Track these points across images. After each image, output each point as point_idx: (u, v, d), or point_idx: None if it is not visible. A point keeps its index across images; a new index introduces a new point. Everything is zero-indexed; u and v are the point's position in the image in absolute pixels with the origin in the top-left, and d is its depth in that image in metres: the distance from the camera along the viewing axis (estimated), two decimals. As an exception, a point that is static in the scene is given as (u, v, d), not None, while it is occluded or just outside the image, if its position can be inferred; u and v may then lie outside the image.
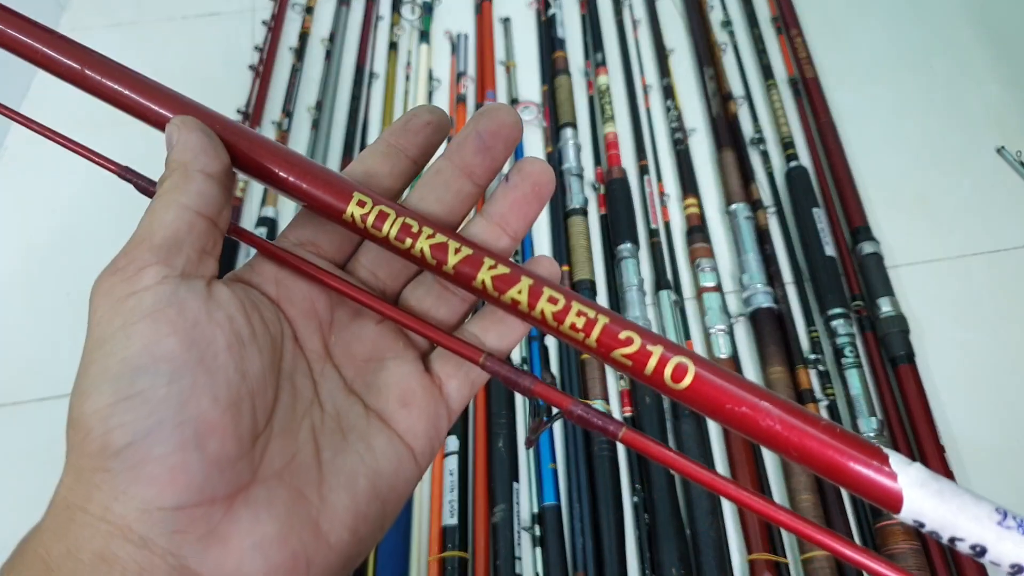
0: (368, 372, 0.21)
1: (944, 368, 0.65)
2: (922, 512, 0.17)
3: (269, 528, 0.17)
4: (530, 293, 0.19)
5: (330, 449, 0.19)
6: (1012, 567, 0.16)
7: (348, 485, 0.19)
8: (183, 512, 0.16)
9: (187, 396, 0.17)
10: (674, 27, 0.93)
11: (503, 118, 0.21)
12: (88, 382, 0.17)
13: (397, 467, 0.20)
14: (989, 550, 0.16)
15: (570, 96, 0.85)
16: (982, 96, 0.84)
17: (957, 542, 0.16)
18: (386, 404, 0.21)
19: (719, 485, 0.18)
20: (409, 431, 0.21)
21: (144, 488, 0.16)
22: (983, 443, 0.61)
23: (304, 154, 0.84)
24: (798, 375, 0.63)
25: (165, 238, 0.18)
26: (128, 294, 0.17)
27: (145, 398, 0.16)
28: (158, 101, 0.21)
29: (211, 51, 0.96)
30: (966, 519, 0.16)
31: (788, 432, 0.17)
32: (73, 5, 1.01)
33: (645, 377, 0.19)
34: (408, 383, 0.21)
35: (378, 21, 0.96)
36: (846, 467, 0.17)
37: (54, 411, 0.68)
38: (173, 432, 0.16)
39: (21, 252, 0.79)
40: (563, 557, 0.55)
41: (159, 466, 0.16)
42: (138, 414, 0.16)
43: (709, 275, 0.69)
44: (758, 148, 0.80)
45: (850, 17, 0.93)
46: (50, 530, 0.17)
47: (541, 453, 0.60)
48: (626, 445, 0.18)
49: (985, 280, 0.70)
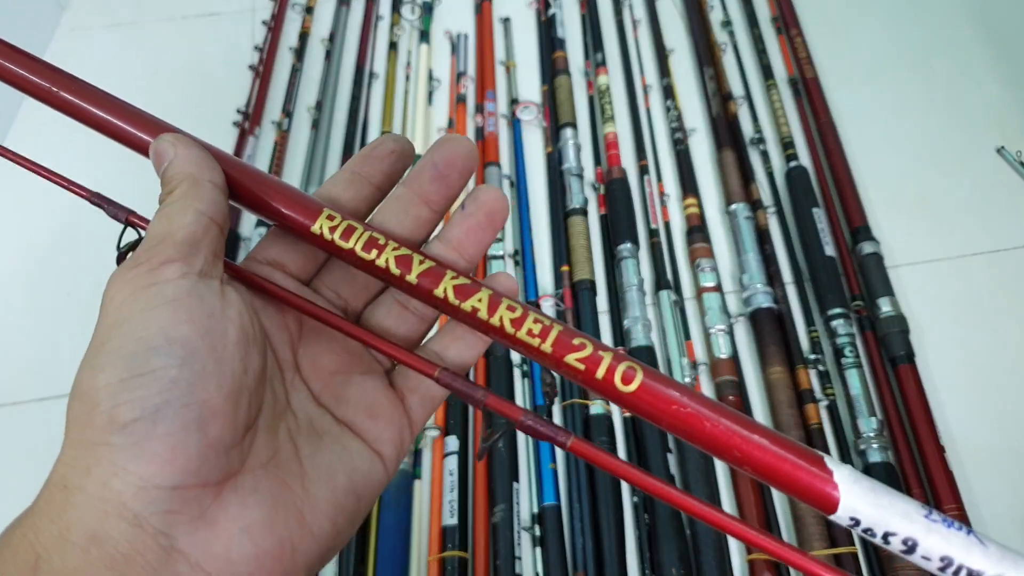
0: (335, 385, 0.22)
1: (944, 368, 0.65)
2: (857, 510, 0.17)
3: (256, 514, 0.18)
4: (489, 302, 0.20)
5: (308, 447, 0.20)
6: (942, 560, 0.17)
7: (328, 479, 0.20)
8: (178, 492, 0.17)
9: (196, 380, 0.17)
10: (674, 27, 0.93)
11: (457, 149, 0.23)
12: (101, 358, 0.17)
13: (370, 467, 0.21)
14: (920, 543, 0.17)
15: (570, 96, 0.85)
16: (982, 96, 0.84)
17: (890, 537, 0.17)
18: (355, 415, 0.22)
19: (672, 496, 0.18)
20: (378, 439, 0.22)
21: (144, 465, 0.16)
22: (983, 443, 0.61)
23: (304, 154, 0.83)
24: (798, 375, 0.63)
25: (185, 238, 0.19)
26: (150, 284, 0.18)
27: (156, 376, 0.17)
28: (132, 121, 0.22)
29: (211, 51, 0.96)
30: (897, 515, 0.17)
31: (729, 436, 0.18)
32: (73, 5, 1.01)
33: (596, 381, 0.19)
34: (375, 396, 0.22)
35: (378, 21, 0.96)
36: (786, 469, 0.18)
37: (54, 411, 0.68)
38: (179, 412, 0.17)
39: (21, 252, 0.79)
40: (563, 557, 0.55)
41: (161, 444, 0.16)
42: (148, 391, 0.17)
43: (709, 275, 0.69)
44: (758, 148, 0.80)
45: (850, 17, 0.94)
46: (43, 512, 0.17)
47: (541, 453, 0.60)
48: (575, 454, 0.19)
49: (985, 280, 0.70)
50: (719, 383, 0.63)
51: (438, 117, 0.86)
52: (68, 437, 0.17)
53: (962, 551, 0.17)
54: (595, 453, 0.19)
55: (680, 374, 0.63)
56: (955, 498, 0.56)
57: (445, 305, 0.21)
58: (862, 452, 0.59)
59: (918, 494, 0.57)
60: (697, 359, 0.65)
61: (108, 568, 0.16)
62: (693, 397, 0.19)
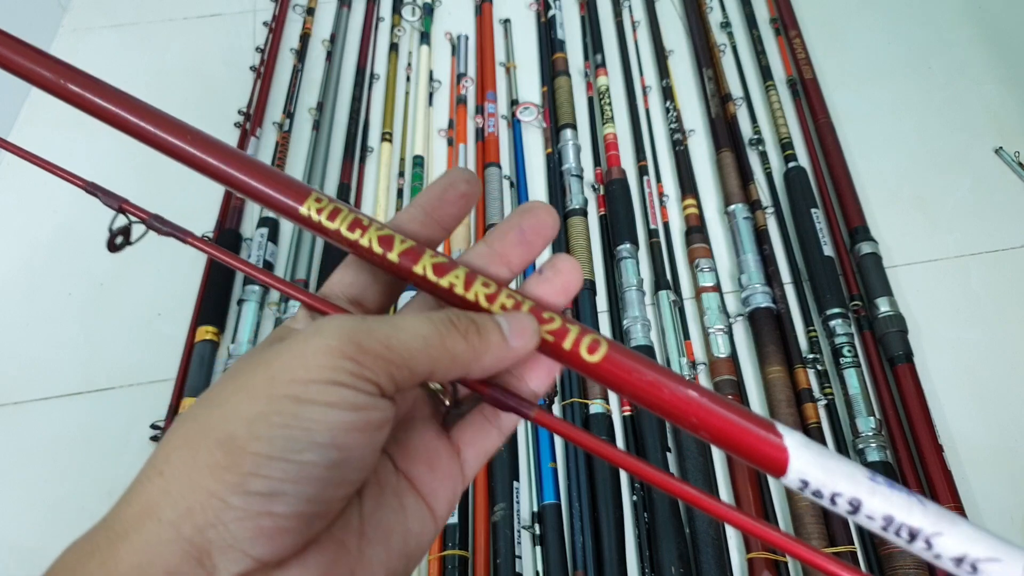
0: (398, 430, 0.22)
1: (942, 368, 0.65)
2: (806, 472, 0.18)
3: None
4: (466, 278, 0.21)
5: (371, 501, 0.20)
6: (884, 519, 0.18)
7: (384, 540, 0.20)
8: (257, 564, 0.17)
9: (332, 483, 0.18)
10: (673, 28, 0.93)
11: (545, 219, 0.23)
12: (265, 427, 0.17)
13: (422, 527, 0.21)
14: (864, 504, 0.18)
15: (570, 97, 0.85)
16: (980, 97, 0.84)
17: (837, 498, 0.18)
18: (413, 465, 0.22)
19: (642, 470, 0.19)
20: (432, 494, 0.21)
21: (244, 530, 0.17)
22: (981, 442, 0.61)
23: (305, 155, 0.84)
24: (796, 375, 0.63)
25: (406, 363, 0.19)
26: (341, 384, 0.18)
27: (302, 469, 0.17)
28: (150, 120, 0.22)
29: (212, 52, 0.96)
30: (843, 478, 0.18)
31: (686, 403, 0.19)
32: (74, 6, 1.02)
33: (564, 352, 0.20)
34: (435, 446, 0.22)
35: (379, 22, 0.96)
36: (739, 433, 0.19)
37: (54, 411, 0.68)
38: (301, 504, 0.17)
39: (23, 252, 0.79)
40: (563, 556, 0.56)
41: (270, 522, 0.17)
42: (287, 475, 0.17)
43: (708, 275, 0.69)
44: (757, 149, 0.80)
45: (849, 18, 0.94)
46: (123, 537, 0.17)
47: (541, 452, 0.60)
48: (538, 424, 0.20)
49: (983, 280, 0.71)
50: (718, 382, 0.63)
51: (439, 118, 0.87)
52: (177, 471, 0.17)
53: (903, 511, 0.18)
54: (560, 425, 0.20)
55: (679, 373, 0.63)
56: (953, 496, 0.56)
57: (424, 282, 0.22)
58: (860, 451, 0.59)
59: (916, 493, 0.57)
60: (696, 359, 0.65)
61: None
62: (653, 368, 0.20)
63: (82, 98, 0.22)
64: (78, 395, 0.68)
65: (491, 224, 0.74)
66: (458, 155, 0.81)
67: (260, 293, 0.71)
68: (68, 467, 0.64)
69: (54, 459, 0.65)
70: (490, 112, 0.84)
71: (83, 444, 0.66)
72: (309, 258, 0.74)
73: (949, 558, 0.17)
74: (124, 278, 0.76)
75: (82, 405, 0.68)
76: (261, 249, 0.73)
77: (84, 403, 0.68)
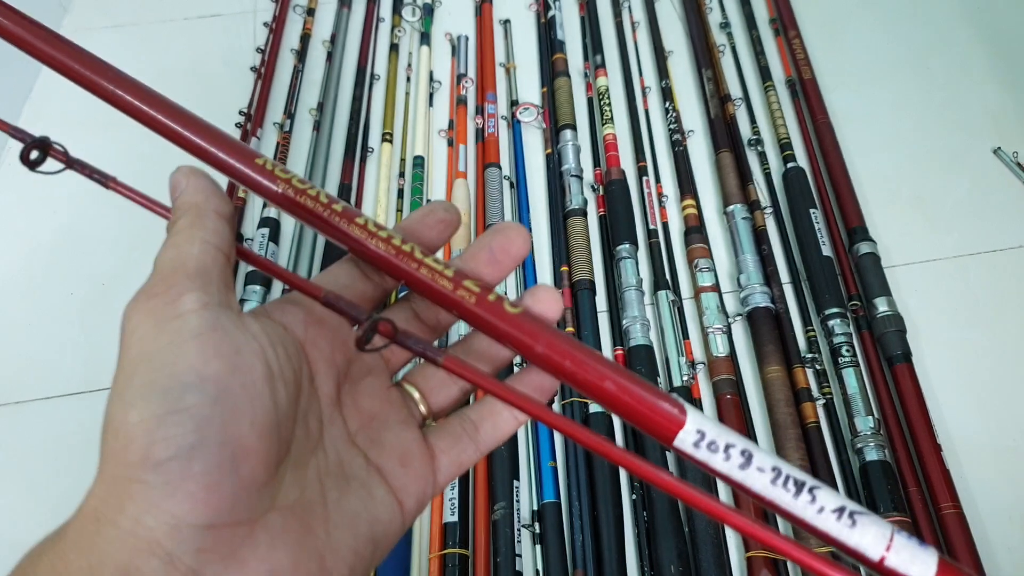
0: (372, 428, 0.23)
1: (941, 368, 0.65)
2: (702, 424, 0.19)
3: (283, 556, 0.18)
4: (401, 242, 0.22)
5: (336, 490, 0.20)
6: (774, 470, 0.18)
7: (351, 525, 0.20)
8: (211, 531, 0.17)
9: (229, 418, 0.17)
10: (673, 29, 0.94)
11: (514, 239, 0.24)
12: (133, 393, 0.17)
13: (391, 518, 0.21)
14: (755, 455, 0.19)
15: (570, 98, 0.85)
16: (979, 97, 0.85)
17: (731, 449, 0.19)
18: (387, 461, 0.22)
19: (637, 466, 0.19)
20: (403, 489, 0.22)
21: (179, 503, 0.16)
22: (980, 442, 0.62)
23: (306, 156, 0.84)
24: (795, 375, 0.63)
25: (197, 268, 0.19)
26: (172, 316, 0.18)
27: (191, 415, 0.17)
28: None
29: (213, 52, 0.96)
30: (735, 434, 0.19)
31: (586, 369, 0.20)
32: (75, 6, 1.02)
33: (486, 305, 0.20)
34: (409, 446, 0.23)
35: (379, 23, 0.97)
36: (639, 398, 0.19)
37: (54, 411, 0.68)
38: (213, 451, 0.17)
39: (24, 252, 0.79)
40: (563, 554, 0.56)
41: (196, 483, 0.17)
42: (183, 429, 0.17)
43: (707, 275, 0.70)
44: (756, 149, 0.80)
45: (848, 18, 0.94)
46: (73, 543, 0.17)
47: (541, 451, 0.60)
48: (449, 371, 0.20)
49: (982, 280, 0.71)
50: (717, 382, 0.64)
51: (439, 119, 0.87)
52: (102, 471, 0.17)
53: (788, 464, 0.19)
54: (472, 374, 0.20)
55: (678, 373, 0.64)
56: (952, 496, 0.57)
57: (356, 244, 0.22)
58: (859, 451, 0.59)
59: (915, 492, 0.58)
60: (695, 358, 0.65)
61: None
62: (556, 335, 0.20)
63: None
64: (79, 395, 0.69)
65: (490, 223, 0.74)
66: (458, 155, 0.81)
67: (261, 293, 0.71)
68: (69, 467, 0.65)
69: (55, 459, 0.66)
70: (490, 113, 0.84)
71: (84, 444, 0.66)
72: (310, 258, 0.74)
73: (831, 509, 0.18)
74: (125, 278, 0.75)
75: (83, 405, 0.68)
76: (262, 249, 0.74)
77: (85, 403, 0.68)
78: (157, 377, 0.17)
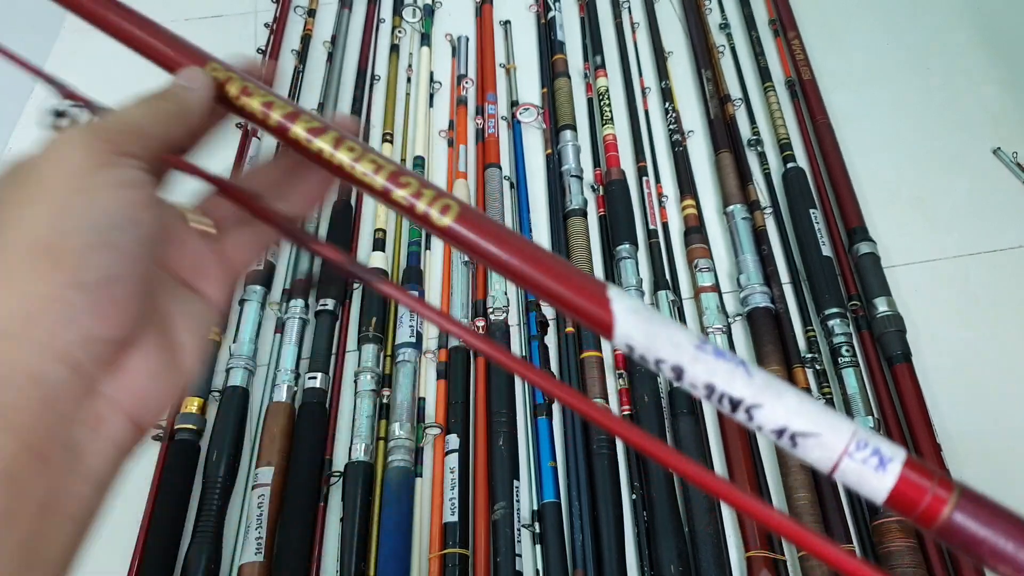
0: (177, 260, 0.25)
1: (940, 367, 0.65)
2: (631, 336, 0.18)
3: (157, 359, 0.21)
4: (334, 142, 0.22)
5: (173, 304, 0.23)
6: (707, 387, 0.18)
7: (195, 329, 0.23)
8: (111, 345, 0.20)
9: (144, 258, 0.21)
10: (672, 30, 0.94)
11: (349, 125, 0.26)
12: (70, 222, 0.19)
13: (206, 308, 0.25)
14: (686, 371, 0.18)
15: (570, 98, 0.85)
16: (978, 97, 0.85)
17: (661, 364, 0.18)
18: (182, 269, 0.25)
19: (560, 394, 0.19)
20: (208, 288, 0.25)
21: (97, 321, 0.19)
22: (979, 441, 0.62)
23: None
24: (795, 374, 0.63)
25: (151, 133, 0.22)
26: (113, 163, 0.20)
27: (121, 251, 0.20)
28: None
29: (214, 53, 0.96)
30: (668, 344, 0.18)
31: (522, 261, 0.20)
32: (76, 8, 1.02)
33: (418, 215, 0.22)
34: (200, 252, 0.25)
35: (380, 24, 0.97)
36: (568, 291, 0.19)
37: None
38: (131, 282, 0.20)
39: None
40: (563, 554, 0.56)
41: (115, 306, 0.19)
42: (112, 260, 0.19)
43: (707, 275, 0.70)
44: (755, 150, 0.80)
45: (847, 19, 0.94)
46: None
47: (541, 451, 0.60)
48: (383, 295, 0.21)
49: (981, 280, 0.71)
50: (717, 382, 0.64)
51: (439, 119, 0.87)
52: (12, 288, 0.18)
53: (725, 379, 0.17)
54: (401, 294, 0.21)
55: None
56: (951, 496, 0.57)
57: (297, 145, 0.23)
58: (858, 450, 0.59)
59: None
60: (695, 358, 0.66)
61: (43, 404, 0.18)
62: (503, 231, 0.21)
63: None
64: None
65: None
66: (458, 156, 0.82)
67: (261, 293, 0.71)
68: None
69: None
70: (490, 113, 0.85)
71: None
72: (311, 256, 0.75)
73: (770, 430, 0.17)
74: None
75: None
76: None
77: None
78: (94, 212, 0.19)
